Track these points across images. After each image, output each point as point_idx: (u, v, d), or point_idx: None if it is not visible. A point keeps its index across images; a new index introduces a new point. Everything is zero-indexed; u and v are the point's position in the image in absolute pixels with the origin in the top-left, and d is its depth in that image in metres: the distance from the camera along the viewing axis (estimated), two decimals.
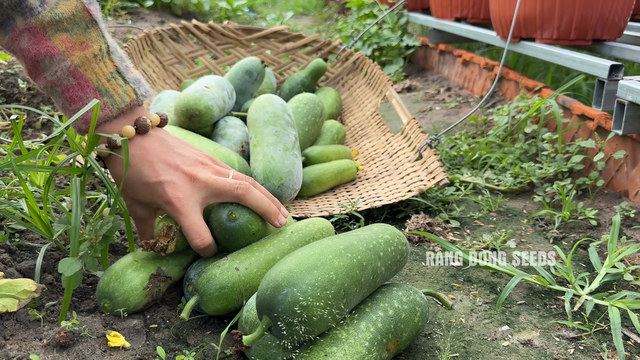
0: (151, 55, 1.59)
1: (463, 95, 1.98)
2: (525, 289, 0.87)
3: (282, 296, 0.57)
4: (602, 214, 1.11)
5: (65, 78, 0.69)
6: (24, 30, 0.67)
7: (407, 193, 1.09)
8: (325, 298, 0.58)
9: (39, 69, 0.68)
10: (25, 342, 0.65)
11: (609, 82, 1.18)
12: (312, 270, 0.59)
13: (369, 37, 2.42)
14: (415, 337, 0.69)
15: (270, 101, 1.16)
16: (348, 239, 0.67)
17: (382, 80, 1.54)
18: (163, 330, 0.72)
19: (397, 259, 0.72)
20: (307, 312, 0.57)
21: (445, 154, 1.40)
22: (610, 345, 0.74)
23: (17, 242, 0.85)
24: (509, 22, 1.55)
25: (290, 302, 0.57)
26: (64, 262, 0.67)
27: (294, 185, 1.06)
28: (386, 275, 0.70)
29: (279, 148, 1.07)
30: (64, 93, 0.69)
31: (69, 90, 0.69)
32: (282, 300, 0.57)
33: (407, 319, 0.67)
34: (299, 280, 0.58)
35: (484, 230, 1.07)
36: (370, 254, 0.66)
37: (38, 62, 0.68)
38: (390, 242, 0.71)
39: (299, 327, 0.57)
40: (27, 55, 0.68)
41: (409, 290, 0.71)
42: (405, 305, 0.68)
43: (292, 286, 0.57)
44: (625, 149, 1.15)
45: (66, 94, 0.69)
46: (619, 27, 1.48)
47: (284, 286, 0.58)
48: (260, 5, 4.88)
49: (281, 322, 0.57)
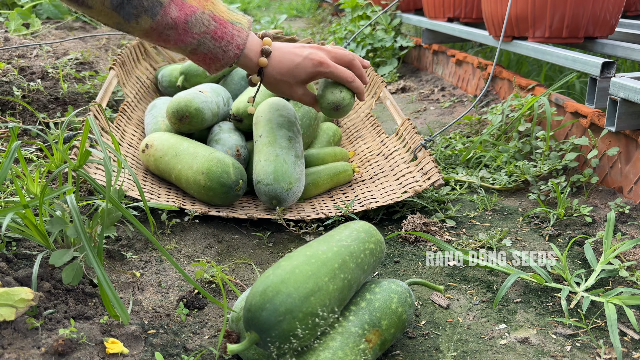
0: (145, 62, 1.59)
1: (457, 95, 1.98)
2: (521, 287, 0.87)
3: (279, 322, 0.57)
4: (597, 211, 1.11)
5: (211, 24, 0.89)
6: (170, 3, 0.85)
7: (403, 194, 1.09)
8: (318, 325, 0.60)
9: (187, 30, 0.87)
10: (23, 351, 0.65)
11: (601, 79, 1.19)
12: (309, 297, 0.59)
13: (363, 38, 2.43)
14: (400, 323, 0.69)
15: (285, 106, 1.17)
16: (341, 253, 0.67)
17: (375, 82, 1.54)
18: (161, 335, 0.72)
19: (375, 266, 0.74)
20: (299, 340, 0.58)
21: (440, 153, 1.40)
22: (607, 342, 0.74)
23: (14, 250, 0.85)
24: (501, 21, 1.55)
25: (285, 330, 0.57)
26: (56, 254, 0.67)
27: (298, 193, 1.08)
28: (364, 281, 0.73)
29: (291, 154, 1.08)
30: (213, 37, 0.90)
31: (216, 32, 0.90)
32: (278, 326, 0.57)
33: (382, 307, 0.68)
34: (297, 308, 0.58)
35: (480, 229, 1.07)
36: (358, 271, 0.68)
37: (187, 22, 0.87)
38: (374, 252, 0.73)
39: (289, 351, 0.58)
40: (178, 21, 0.86)
41: (384, 281, 0.72)
42: (378, 295, 0.69)
43: (290, 313, 0.57)
44: (619, 145, 1.15)
45: (215, 36, 0.90)
46: (611, 24, 1.49)
47: (282, 312, 0.57)
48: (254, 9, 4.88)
49: (272, 344, 0.58)
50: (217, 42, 0.91)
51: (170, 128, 1.25)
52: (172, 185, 1.16)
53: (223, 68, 0.95)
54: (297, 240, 1.02)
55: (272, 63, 0.98)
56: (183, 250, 0.95)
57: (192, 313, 0.78)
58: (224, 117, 1.31)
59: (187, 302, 0.79)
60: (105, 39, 2.29)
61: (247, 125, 1.25)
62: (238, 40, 0.93)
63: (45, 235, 0.79)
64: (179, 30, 0.87)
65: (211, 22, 0.89)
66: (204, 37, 0.89)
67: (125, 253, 0.91)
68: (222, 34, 0.91)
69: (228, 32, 0.92)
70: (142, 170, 1.19)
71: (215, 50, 0.92)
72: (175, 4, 0.86)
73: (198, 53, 0.92)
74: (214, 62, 0.94)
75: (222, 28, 0.91)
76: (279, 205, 1.06)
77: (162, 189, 1.13)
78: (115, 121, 1.28)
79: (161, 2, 0.84)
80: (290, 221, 1.04)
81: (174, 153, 1.11)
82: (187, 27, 0.87)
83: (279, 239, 1.03)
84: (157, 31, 0.86)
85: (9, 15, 2.14)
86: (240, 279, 0.89)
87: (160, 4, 0.84)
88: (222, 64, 0.94)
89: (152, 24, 0.85)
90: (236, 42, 0.93)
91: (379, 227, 1.08)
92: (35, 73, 1.60)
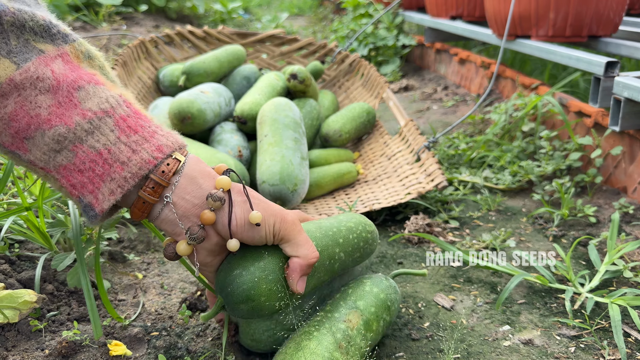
0: (146, 62, 1.59)
1: (460, 94, 1.98)
2: (525, 288, 0.87)
3: (235, 288, 0.58)
4: (601, 211, 1.11)
5: (120, 107, 0.54)
6: (56, 56, 0.53)
7: (406, 196, 1.09)
8: (277, 291, 0.59)
9: (72, 100, 0.52)
10: (27, 353, 0.65)
11: (605, 78, 1.18)
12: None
13: (365, 37, 2.42)
14: (380, 302, 0.70)
15: (291, 107, 1.17)
16: (307, 226, 0.68)
17: (378, 82, 1.54)
18: (164, 338, 0.72)
19: (359, 246, 0.73)
20: (254, 304, 0.59)
21: (443, 153, 1.40)
22: (611, 343, 0.74)
23: (16, 252, 0.85)
24: (504, 20, 1.55)
25: (239, 295, 0.58)
26: (58, 258, 0.67)
27: (302, 194, 1.08)
28: (347, 261, 0.71)
29: (297, 155, 1.08)
30: (118, 124, 0.53)
31: (126, 120, 0.53)
32: (232, 292, 0.58)
33: (355, 292, 0.70)
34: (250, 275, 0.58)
35: (484, 229, 1.07)
36: (327, 240, 0.68)
37: (77, 89, 0.52)
38: (353, 230, 0.73)
39: (246, 314, 0.59)
40: (64, 81, 0.52)
41: (360, 275, 0.75)
42: (351, 283, 0.72)
43: (247, 283, 0.58)
44: (623, 145, 1.15)
45: (122, 125, 0.53)
46: (614, 22, 1.48)
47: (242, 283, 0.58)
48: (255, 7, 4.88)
49: (230, 307, 0.60)
50: (123, 133, 0.53)
51: (170, 127, 1.25)
52: None
53: (121, 192, 0.52)
54: None
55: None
56: None
57: (195, 315, 0.78)
58: (226, 117, 1.31)
59: (190, 304, 0.79)
60: (106, 39, 2.29)
61: (250, 127, 1.25)
62: (162, 141, 0.54)
63: (48, 237, 0.79)
64: (60, 97, 0.51)
65: (120, 105, 0.54)
66: (101, 120, 0.52)
67: (127, 255, 0.91)
68: (135, 126, 0.54)
69: (145, 126, 0.54)
70: None
71: (118, 147, 0.52)
72: (64, 60, 0.53)
73: (84, 150, 0.52)
74: (112, 174, 0.52)
75: (134, 118, 0.54)
76: (282, 206, 1.06)
77: None
78: None
79: (41, 50, 0.52)
80: None
81: None
82: (76, 96, 0.52)
83: None
84: (21, 93, 0.50)
85: None
86: None
87: (39, 51, 0.52)
88: (125, 176, 0.52)
89: (14, 73, 0.50)
90: (156, 142, 0.54)
91: (382, 228, 1.08)
92: None
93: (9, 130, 0.51)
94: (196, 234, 0.55)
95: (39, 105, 0.51)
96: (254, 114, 1.23)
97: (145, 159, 0.53)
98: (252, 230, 0.57)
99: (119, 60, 1.45)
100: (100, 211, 0.52)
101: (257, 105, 1.24)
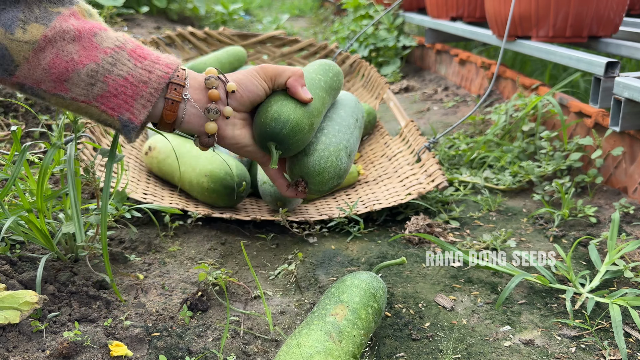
0: None
1: (460, 94, 1.98)
2: (526, 289, 0.87)
3: (274, 117, 0.72)
4: (602, 211, 1.11)
5: (127, 42, 0.67)
6: (70, 15, 0.65)
7: (407, 196, 1.09)
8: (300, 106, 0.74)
9: (93, 43, 0.65)
10: (28, 354, 0.66)
11: (605, 79, 1.18)
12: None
13: (366, 38, 2.42)
14: (364, 292, 0.72)
15: None
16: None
17: (379, 83, 1.54)
18: (165, 338, 0.72)
19: (328, 76, 0.84)
20: (294, 123, 0.73)
21: (443, 153, 1.40)
22: (612, 343, 0.74)
23: (17, 253, 0.85)
24: (505, 20, 1.55)
25: (278, 120, 0.72)
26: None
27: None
28: (327, 80, 0.83)
29: None
30: (132, 55, 0.67)
31: (136, 51, 0.67)
32: (275, 120, 0.72)
33: (338, 288, 0.73)
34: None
35: (484, 230, 1.07)
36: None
37: (94, 35, 0.65)
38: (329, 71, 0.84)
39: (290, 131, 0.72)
40: (83, 30, 0.65)
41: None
42: (333, 285, 0.76)
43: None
44: (623, 145, 1.15)
45: (134, 54, 0.67)
46: (615, 23, 1.48)
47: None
48: (256, 8, 4.88)
49: (278, 136, 0.72)
50: (137, 61, 0.67)
51: None
52: (176, 187, 1.17)
53: (150, 104, 0.66)
54: (301, 242, 1.02)
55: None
56: (186, 252, 0.95)
57: (196, 315, 0.78)
58: None
59: (191, 305, 0.79)
60: None
61: None
62: (165, 61, 0.69)
63: (49, 238, 0.79)
64: (83, 43, 0.64)
65: (127, 40, 0.68)
66: (118, 53, 0.66)
67: (128, 255, 0.92)
68: (143, 54, 0.68)
69: (149, 53, 0.69)
70: (145, 173, 1.19)
71: (137, 71, 0.66)
72: (75, 17, 0.66)
73: (113, 79, 0.65)
74: (140, 92, 0.66)
75: (139, 49, 0.68)
76: (283, 206, 1.06)
77: (165, 191, 1.13)
78: None
79: (58, 12, 0.64)
80: (294, 223, 1.04)
81: (177, 155, 1.11)
82: (95, 40, 0.65)
83: (282, 241, 1.02)
84: (54, 44, 0.63)
85: None
86: (243, 281, 0.89)
87: (57, 13, 0.64)
88: (150, 91, 0.66)
89: (45, 31, 0.63)
90: (163, 61, 0.68)
91: (383, 228, 1.08)
92: None
93: (50, 77, 0.64)
94: (214, 109, 0.70)
95: (70, 52, 0.64)
96: None
97: (160, 75, 0.67)
98: (249, 89, 0.73)
99: None
100: (139, 122, 0.66)
101: None
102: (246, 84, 0.73)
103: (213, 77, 0.71)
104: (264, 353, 0.71)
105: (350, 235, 1.04)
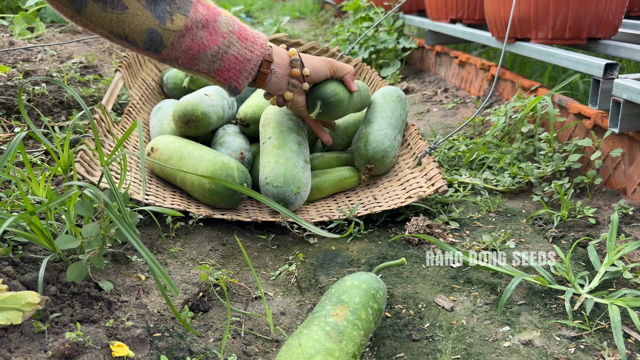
0: (150, 64, 1.60)
1: (460, 96, 1.98)
2: (525, 289, 0.87)
3: (327, 90, 1.09)
4: (601, 212, 1.11)
5: (235, 24, 0.89)
6: (197, 2, 0.84)
7: (407, 199, 1.10)
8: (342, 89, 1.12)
9: (216, 29, 0.86)
10: (30, 355, 0.66)
11: (604, 80, 1.19)
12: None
13: (366, 40, 2.43)
14: (363, 292, 0.72)
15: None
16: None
17: (380, 86, 1.54)
18: (167, 339, 0.73)
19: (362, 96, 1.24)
20: (338, 97, 1.10)
21: (443, 154, 1.40)
22: (611, 344, 0.74)
23: (20, 254, 0.85)
24: (504, 22, 1.55)
25: (329, 92, 1.09)
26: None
27: (305, 197, 1.09)
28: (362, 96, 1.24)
29: (300, 158, 1.09)
30: (239, 37, 0.90)
31: (240, 33, 0.90)
32: (326, 92, 1.09)
33: (338, 289, 0.74)
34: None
35: (484, 230, 1.07)
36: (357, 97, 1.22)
37: (215, 21, 0.86)
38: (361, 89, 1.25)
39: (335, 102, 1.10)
40: (209, 18, 0.85)
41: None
42: (333, 284, 0.77)
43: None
44: (622, 146, 1.15)
45: (240, 36, 0.90)
46: (614, 25, 1.49)
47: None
48: (257, 11, 4.89)
49: (326, 100, 1.09)
50: (243, 42, 0.90)
51: (176, 131, 1.26)
52: (177, 188, 1.17)
53: (251, 76, 0.93)
54: (301, 243, 1.03)
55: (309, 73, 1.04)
56: (188, 253, 0.96)
57: (197, 316, 0.79)
58: (228, 120, 1.32)
59: (192, 305, 0.80)
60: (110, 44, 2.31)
61: (252, 130, 1.26)
62: (260, 41, 0.92)
63: (51, 239, 0.80)
64: (209, 29, 0.85)
65: (234, 23, 0.89)
66: (231, 37, 0.88)
67: (130, 256, 0.92)
68: (245, 35, 0.91)
69: (249, 33, 0.91)
70: (147, 174, 1.20)
71: (243, 51, 0.90)
72: (202, 3, 0.85)
73: (227, 57, 0.89)
74: (244, 67, 0.92)
75: (242, 30, 0.90)
76: (285, 207, 1.06)
77: (167, 192, 1.13)
78: (121, 123, 1.29)
79: (190, 1, 0.83)
80: (294, 224, 1.05)
81: (179, 156, 1.12)
82: (216, 27, 0.86)
83: (283, 242, 1.03)
84: (191, 32, 0.83)
85: (13, 19, 2.15)
86: (244, 282, 0.89)
87: (190, 2, 0.83)
88: (251, 66, 0.92)
89: (186, 21, 0.82)
90: (259, 42, 0.92)
91: (383, 229, 1.08)
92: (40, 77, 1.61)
93: (185, 56, 0.86)
94: (294, 83, 1.01)
95: (201, 37, 0.85)
96: (256, 117, 1.24)
97: (258, 55, 0.93)
98: (318, 74, 1.06)
99: (123, 62, 1.46)
100: (242, 89, 0.95)
101: (259, 109, 1.25)
102: (318, 70, 1.05)
103: (296, 60, 1.01)
104: (264, 353, 0.72)
105: (351, 237, 1.04)
